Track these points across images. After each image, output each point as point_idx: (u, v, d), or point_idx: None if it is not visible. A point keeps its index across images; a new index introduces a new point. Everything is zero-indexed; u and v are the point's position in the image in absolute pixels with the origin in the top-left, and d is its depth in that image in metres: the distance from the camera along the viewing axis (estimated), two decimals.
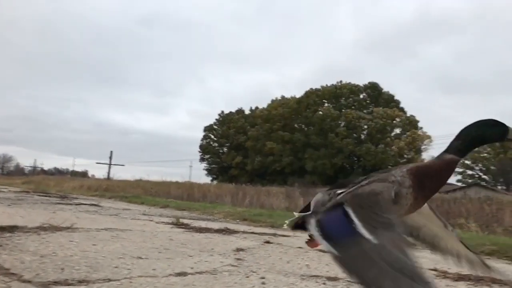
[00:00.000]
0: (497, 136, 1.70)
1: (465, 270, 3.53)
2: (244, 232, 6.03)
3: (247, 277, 2.90)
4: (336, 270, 3.35)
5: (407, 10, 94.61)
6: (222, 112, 57.97)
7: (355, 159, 46.96)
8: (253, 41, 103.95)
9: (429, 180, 1.71)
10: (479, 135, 1.73)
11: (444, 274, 3.43)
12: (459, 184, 49.90)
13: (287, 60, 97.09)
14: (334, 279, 3.00)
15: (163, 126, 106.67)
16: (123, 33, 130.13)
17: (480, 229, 9.78)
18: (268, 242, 4.95)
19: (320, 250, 4.47)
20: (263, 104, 55.38)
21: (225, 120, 56.58)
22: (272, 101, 53.47)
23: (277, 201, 15.67)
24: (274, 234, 5.97)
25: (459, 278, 3.30)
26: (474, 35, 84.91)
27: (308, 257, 4.01)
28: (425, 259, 4.30)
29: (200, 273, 2.94)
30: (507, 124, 1.73)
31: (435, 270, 3.64)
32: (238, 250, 4.17)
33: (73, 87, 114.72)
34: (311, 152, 46.33)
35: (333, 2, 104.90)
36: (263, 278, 2.88)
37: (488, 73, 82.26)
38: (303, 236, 5.15)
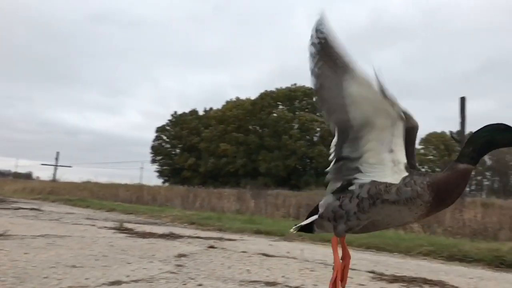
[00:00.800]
0: (509, 140, 1.73)
1: (395, 273, 3.65)
2: (189, 236, 5.95)
3: (184, 284, 2.84)
4: (276, 275, 3.37)
5: (360, 16, 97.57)
6: (175, 112, 57.23)
7: (308, 160, 47.74)
8: (209, 41, 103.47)
9: (448, 195, 1.79)
10: (490, 140, 1.76)
11: (380, 276, 3.53)
12: None
13: (243, 61, 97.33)
14: (273, 284, 3.00)
15: (114, 126, 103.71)
16: (73, 28, 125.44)
17: (422, 229, 10.17)
18: (212, 247, 4.90)
19: (264, 254, 4.48)
20: (217, 105, 55.28)
21: (178, 120, 55.84)
22: (227, 102, 53.40)
23: (228, 204, 15.62)
24: (220, 238, 5.93)
25: (394, 280, 3.40)
26: (423, 42, 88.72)
27: (250, 261, 4.00)
28: (365, 261, 4.42)
29: (135, 281, 2.85)
30: None
31: (372, 272, 3.74)
32: (180, 256, 4.09)
33: (17, 84, 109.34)
34: (265, 154, 46.66)
35: (289, 5, 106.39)
36: (200, 285, 2.84)
37: (434, 78, 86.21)
38: (249, 240, 5.15)
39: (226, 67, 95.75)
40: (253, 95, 52.41)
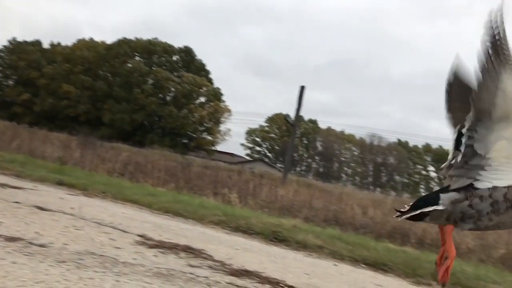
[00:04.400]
0: None
1: (166, 238, 3.71)
2: None
3: None
4: (29, 230, 3.12)
5: None
6: (14, 39, 50.26)
7: (157, 119, 46.81)
8: None
9: None
10: None
11: (145, 241, 3.55)
12: (247, 158, 54.92)
13: (107, 0, 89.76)
14: (14, 239, 2.77)
15: None
16: None
17: (239, 200, 10.77)
18: None
19: (38, 207, 4.16)
20: (67, 41, 50.15)
21: (16, 49, 49.16)
22: (79, 40, 48.82)
23: (51, 149, 14.42)
24: (4, 185, 5.36)
25: (155, 245, 3.44)
26: (288, 26, 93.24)
27: (14, 213, 3.67)
28: (148, 224, 4.42)
29: None
30: None
31: (142, 236, 3.74)
32: None
33: None
34: (112, 104, 44.25)
35: None
36: None
37: (291, 64, 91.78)
38: (42, 190, 4.66)
39: (87, 1, 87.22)
40: (110, 40, 48.96)
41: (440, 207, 2.06)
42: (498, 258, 8.42)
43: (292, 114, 20.95)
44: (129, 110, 44.11)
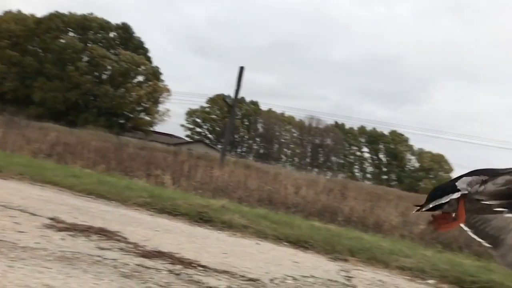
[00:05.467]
0: None
1: (80, 221, 3.55)
2: None
3: None
4: None
5: None
6: None
7: (92, 98, 44.84)
8: None
9: None
10: None
11: (56, 224, 3.40)
12: (187, 139, 54.29)
13: None
14: None
15: None
16: None
17: (172, 182, 10.63)
18: None
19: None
20: None
21: None
22: (5, 12, 45.30)
23: None
24: None
25: (66, 228, 3.31)
26: (230, 6, 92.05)
27: None
28: (65, 207, 4.22)
29: None
30: None
31: (53, 219, 3.58)
32: None
33: None
34: (43, 82, 41.72)
35: None
36: None
37: (233, 44, 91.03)
38: None
39: None
40: (40, 13, 45.92)
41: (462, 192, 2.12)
42: (418, 233, 8.97)
43: (233, 95, 20.91)
44: (62, 89, 41.84)
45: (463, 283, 4.04)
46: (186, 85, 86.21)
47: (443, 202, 2.03)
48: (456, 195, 2.01)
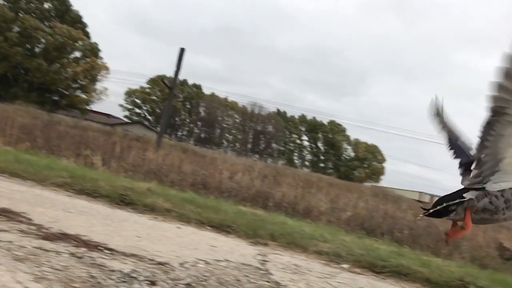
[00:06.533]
0: None
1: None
2: None
3: None
4: None
5: None
6: None
7: (23, 71, 42.10)
8: None
9: None
10: None
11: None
12: (126, 120, 52.64)
13: None
14: None
15: None
16: None
17: (102, 163, 10.24)
18: None
19: None
20: None
21: None
22: None
23: None
24: None
25: None
26: None
27: None
28: None
29: None
30: None
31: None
32: None
33: None
34: None
35: None
36: None
37: (178, 25, 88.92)
38: None
39: None
40: None
41: (469, 198, 2.54)
42: (345, 219, 9.30)
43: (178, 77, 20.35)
44: None
45: (375, 267, 4.22)
46: (127, 64, 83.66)
47: (452, 207, 2.58)
48: (466, 200, 2.55)
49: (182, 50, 19.58)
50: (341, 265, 4.20)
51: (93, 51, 45.85)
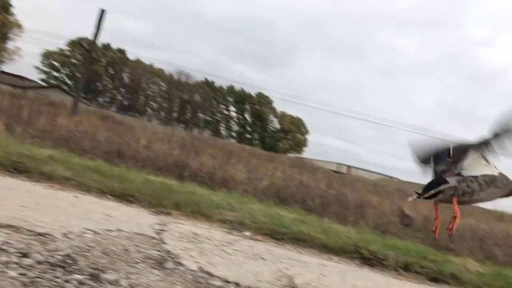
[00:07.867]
0: None
1: None
2: None
3: None
4: None
5: None
6: None
7: None
8: None
9: None
10: None
11: None
12: (42, 83, 49.10)
13: None
14: None
15: None
16: None
17: (5, 128, 9.51)
18: None
19: None
20: None
21: None
22: None
23: None
24: None
25: None
26: None
27: None
28: None
29: None
30: None
31: None
32: None
33: None
34: None
35: None
36: None
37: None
38: None
39: None
40: None
41: (452, 185, 3.25)
42: (261, 189, 9.48)
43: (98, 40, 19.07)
44: None
45: (276, 234, 4.34)
46: (44, 23, 77.39)
47: (440, 190, 3.25)
48: (450, 184, 3.25)
49: (102, 12, 18.40)
50: (243, 232, 4.26)
51: (4, 6, 41.77)
